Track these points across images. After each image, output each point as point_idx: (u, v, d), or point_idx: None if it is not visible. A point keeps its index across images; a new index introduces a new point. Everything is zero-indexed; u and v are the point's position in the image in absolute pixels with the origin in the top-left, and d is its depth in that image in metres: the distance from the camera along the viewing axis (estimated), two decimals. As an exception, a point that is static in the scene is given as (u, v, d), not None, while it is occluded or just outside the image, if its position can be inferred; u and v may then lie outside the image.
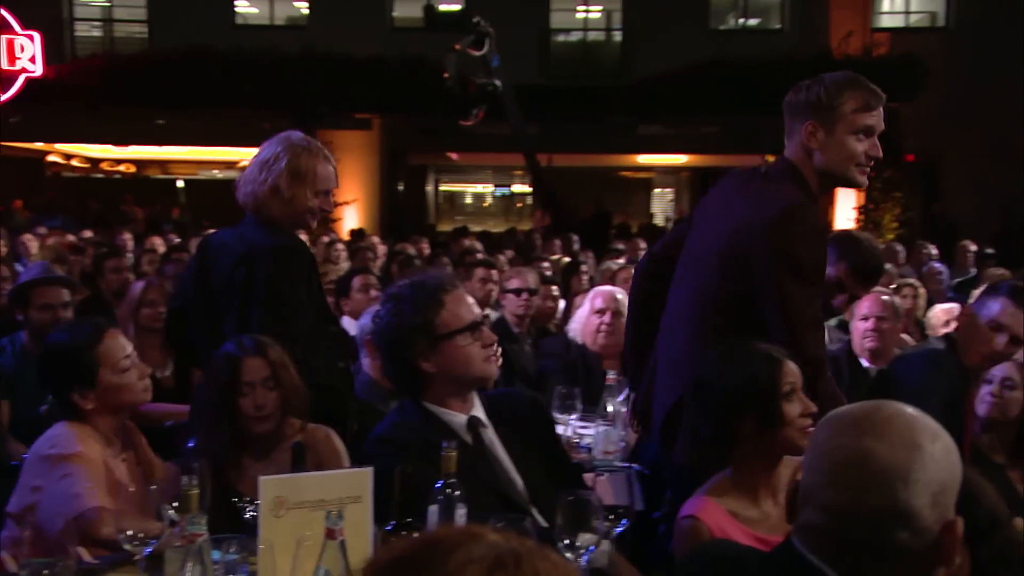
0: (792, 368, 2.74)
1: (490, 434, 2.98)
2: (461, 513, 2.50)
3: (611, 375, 4.34)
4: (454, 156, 24.55)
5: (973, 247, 10.71)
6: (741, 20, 22.11)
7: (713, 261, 3.20)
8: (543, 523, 2.74)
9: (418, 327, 2.91)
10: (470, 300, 3.03)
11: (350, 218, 18.53)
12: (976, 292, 5.60)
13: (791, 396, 2.72)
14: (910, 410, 1.76)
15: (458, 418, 2.96)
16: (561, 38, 21.90)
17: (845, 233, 4.36)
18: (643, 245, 10.65)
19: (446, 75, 13.82)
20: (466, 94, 13.59)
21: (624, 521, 2.65)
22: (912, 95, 17.44)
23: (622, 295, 5.28)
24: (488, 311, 6.03)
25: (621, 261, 8.51)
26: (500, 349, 3.05)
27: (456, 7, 21.53)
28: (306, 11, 21.54)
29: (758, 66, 17.61)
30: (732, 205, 3.23)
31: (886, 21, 21.17)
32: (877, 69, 17.84)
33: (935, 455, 1.70)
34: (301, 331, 3.43)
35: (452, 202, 28.21)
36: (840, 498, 1.71)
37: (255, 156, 3.71)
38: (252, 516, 2.63)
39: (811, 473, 1.77)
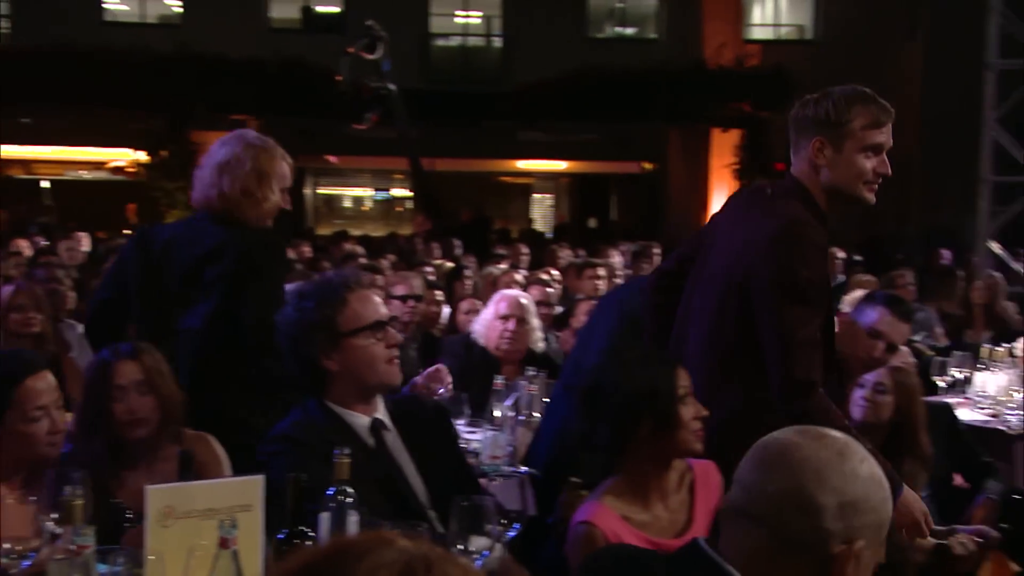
0: (684, 372, 2.81)
1: (393, 438, 2.97)
2: (353, 520, 2.48)
3: (499, 380, 4.34)
4: (333, 159, 24.32)
5: (841, 254, 11.08)
6: (618, 29, 22.49)
7: (721, 289, 3.12)
8: (441, 529, 2.74)
9: (319, 323, 2.89)
10: (376, 300, 3.01)
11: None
12: (846, 298, 5.82)
13: (685, 399, 2.78)
14: (852, 440, 1.84)
15: (360, 420, 2.94)
16: (441, 43, 21.92)
17: None
18: (525, 250, 10.72)
19: (339, 78, 13.71)
20: (359, 98, 13.51)
21: (516, 525, 2.68)
22: (782, 105, 18.03)
23: (526, 300, 5.25)
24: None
25: (503, 266, 8.54)
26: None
27: (335, 9, 21.36)
28: (179, 9, 21.08)
29: (635, 74, 17.97)
30: (737, 228, 3.16)
31: (757, 33, 21.81)
32: (749, 80, 18.46)
33: (857, 471, 1.76)
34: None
35: (330, 205, 27.90)
36: (756, 475, 1.78)
37: (208, 158, 3.70)
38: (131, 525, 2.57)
39: (744, 459, 1.84)
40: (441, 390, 4.02)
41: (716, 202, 19.47)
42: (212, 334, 3.51)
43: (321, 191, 27.50)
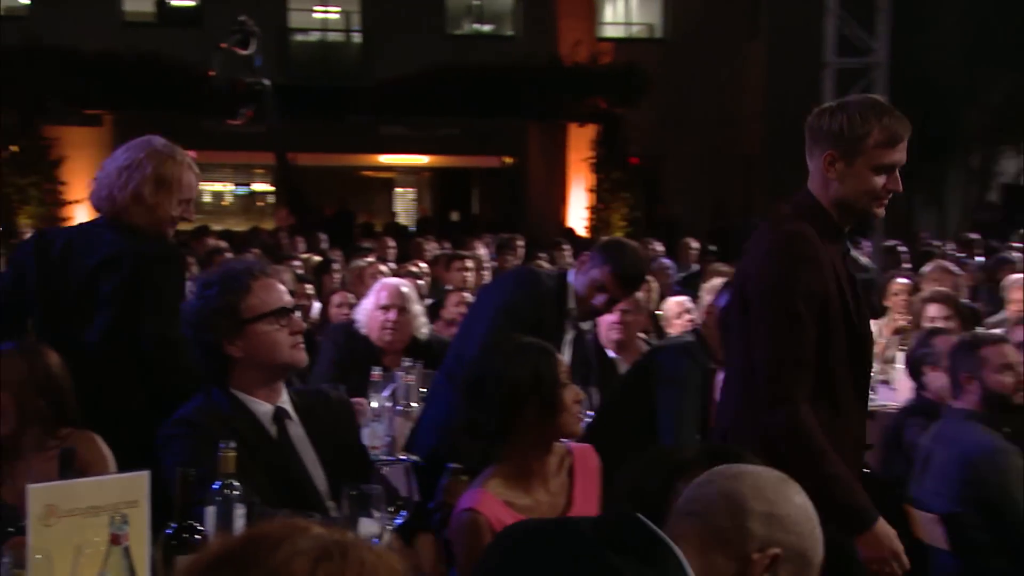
0: (563, 358, 2.94)
1: (296, 428, 2.98)
2: (240, 514, 2.51)
3: (376, 371, 4.36)
4: (192, 154, 23.76)
5: (695, 244, 11.44)
6: (476, 26, 22.60)
7: (738, 317, 3.03)
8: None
9: (222, 309, 2.89)
10: (280, 287, 3.03)
11: (82, 218, 17.56)
12: (705, 285, 6.05)
13: (566, 384, 2.90)
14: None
15: (263, 407, 2.95)
16: (300, 38, 21.63)
17: (614, 240, 4.63)
18: (391, 243, 10.75)
19: (212, 73, 13.45)
20: (233, 93, 13.29)
21: (403, 512, 2.76)
22: (635, 102, 18.49)
23: (407, 289, 5.17)
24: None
25: (370, 259, 8.56)
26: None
27: (190, 3, 20.88)
28: (27, 1, 20.24)
29: (494, 70, 18.14)
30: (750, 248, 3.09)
31: (610, 31, 22.20)
32: (603, 77, 18.84)
33: (792, 497, 1.92)
34: (181, 337, 3.25)
35: (189, 201, 27.29)
36: (703, 480, 1.95)
37: (111, 160, 3.59)
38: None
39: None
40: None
41: (574, 194, 19.85)
42: (111, 350, 3.39)
43: (178, 186, 26.80)
